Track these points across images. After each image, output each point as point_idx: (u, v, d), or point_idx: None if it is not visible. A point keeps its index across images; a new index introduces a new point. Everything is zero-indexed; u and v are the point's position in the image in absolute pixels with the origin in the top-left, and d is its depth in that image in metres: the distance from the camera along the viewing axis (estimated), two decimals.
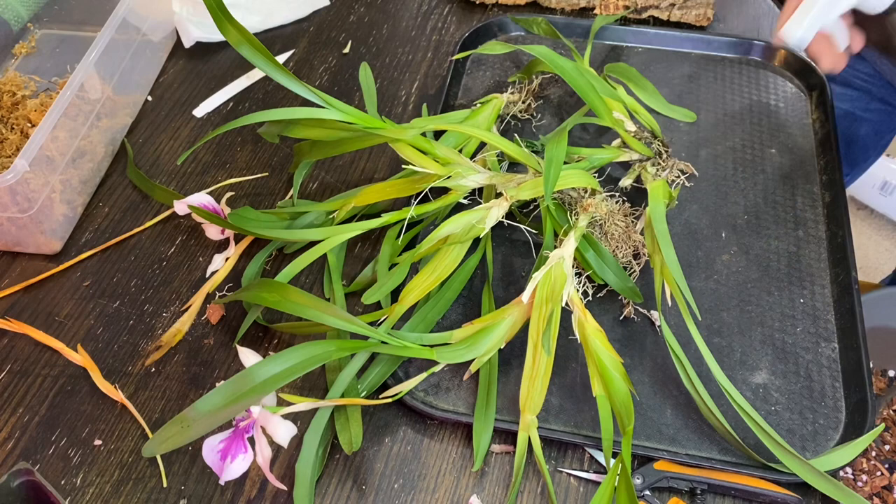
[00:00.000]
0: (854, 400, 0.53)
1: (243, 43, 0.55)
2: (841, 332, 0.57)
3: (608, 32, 0.79)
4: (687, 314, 0.52)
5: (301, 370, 0.45)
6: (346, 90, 0.78)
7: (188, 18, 0.82)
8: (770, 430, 0.49)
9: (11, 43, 0.83)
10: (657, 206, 0.57)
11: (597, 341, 0.52)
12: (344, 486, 0.52)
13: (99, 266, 0.65)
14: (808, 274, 0.60)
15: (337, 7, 0.88)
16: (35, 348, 0.60)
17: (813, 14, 0.57)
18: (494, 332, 0.54)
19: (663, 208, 0.57)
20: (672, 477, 0.50)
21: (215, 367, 0.58)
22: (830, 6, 0.57)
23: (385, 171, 0.70)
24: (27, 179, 0.59)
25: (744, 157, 0.68)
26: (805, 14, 0.58)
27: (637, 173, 0.65)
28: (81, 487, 0.52)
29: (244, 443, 0.46)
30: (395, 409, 0.55)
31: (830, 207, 0.64)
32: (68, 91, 0.63)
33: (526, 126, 0.72)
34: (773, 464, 0.50)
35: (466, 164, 0.60)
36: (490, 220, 0.58)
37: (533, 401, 0.51)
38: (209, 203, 0.61)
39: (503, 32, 0.81)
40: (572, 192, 0.61)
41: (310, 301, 0.49)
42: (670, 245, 0.54)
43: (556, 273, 0.54)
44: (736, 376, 0.55)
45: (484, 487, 0.52)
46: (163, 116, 0.77)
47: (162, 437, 0.43)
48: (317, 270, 0.63)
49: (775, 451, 0.49)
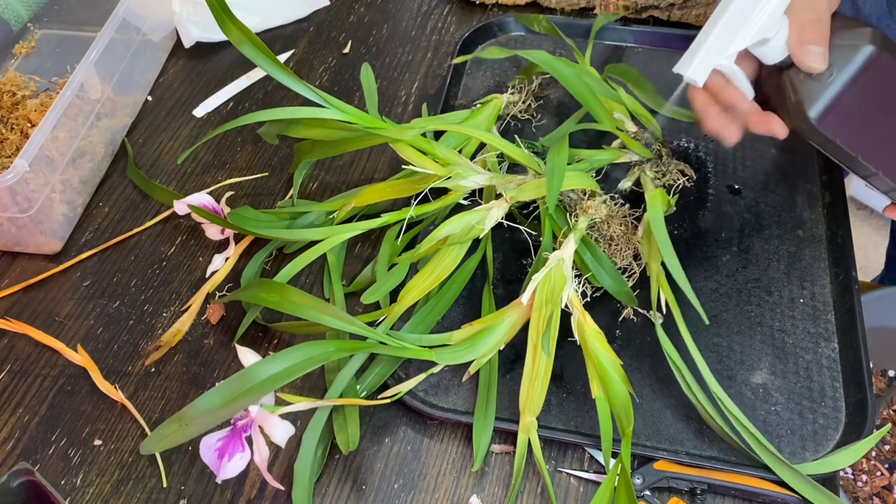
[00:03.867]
0: (854, 400, 0.53)
1: (245, 42, 0.55)
2: (841, 332, 0.57)
3: (608, 32, 0.79)
4: (682, 321, 0.52)
5: (300, 370, 0.45)
6: (346, 90, 0.78)
7: (188, 18, 0.82)
8: (761, 439, 0.49)
9: (11, 43, 0.83)
10: (656, 216, 0.56)
11: (596, 343, 0.52)
12: (344, 486, 0.52)
13: (99, 266, 0.65)
14: (808, 274, 0.60)
15: (337, 7, 0.88)
16: (35, 348, 0.60)
17: (705, 48, 0.50)
18: (494, 333, 0.54)
19: (662, 217, 0.56)
20: (672, 477, 0.50)
21: (215, 366, 0.58)
22: (724, 40, 0.50)
23: (385, 171, 0.70)
24: (27, 179, 0.60)
25: (743, 157, 0.68)
26: (697, 48, 0.51)
27: (637, 176, 0.65)
28: (81, 487, 0.52)
29: (242, 442, 0.46)
30: (395, 409, 0.55)
31: (830, 207, 0.64)
32: (68, 91, 0.63)
33: (526, 127, 0.72)
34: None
35: (466, 165, 0.60)
36: (490, 220, 0.58)
37: (533, 402, 0.51)
38: (209, 203, 0.61)
39: (503, 32, 0.81)
40: (572, 194, 0.61)
41: (309, 301, 0.49)
42: (673, 254, 0.53)
43: (556, 275, 0.54)
44: (736, 376, 0.55)
45: (484, 487, 0.52)
46: (163, 116, 0.77)
47: (160, 435, 0.43)
48: (317, 270, 0.63)
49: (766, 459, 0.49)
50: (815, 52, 0.48)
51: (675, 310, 0.53)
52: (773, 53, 0.51)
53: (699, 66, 0.51)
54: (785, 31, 0.49)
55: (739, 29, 0.49)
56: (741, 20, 0.49)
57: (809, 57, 0.49)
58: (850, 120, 0.50)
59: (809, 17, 0.49)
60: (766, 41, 0.50)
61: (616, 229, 0.60)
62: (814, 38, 0.49)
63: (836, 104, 0.49)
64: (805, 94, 0.50)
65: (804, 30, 0.49)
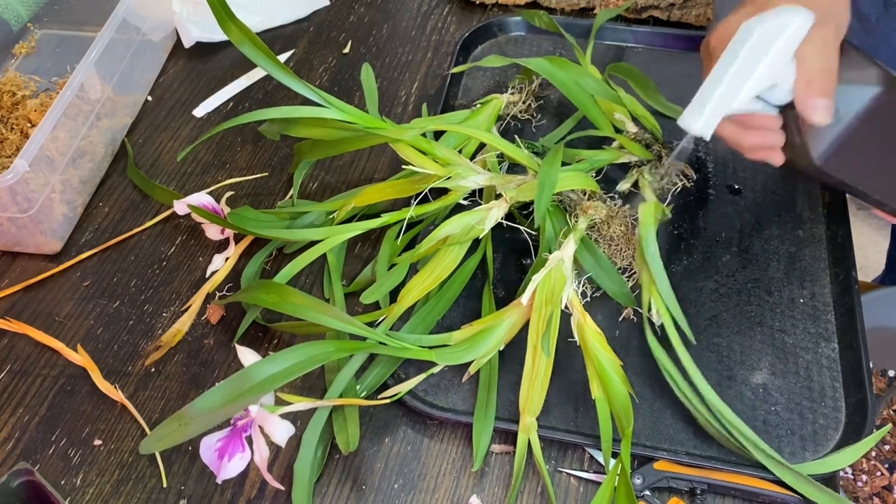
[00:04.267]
0: (854, 400, 0.53)
1: (245, 41, 0.55)
2: (841, 332, 0.57)
3: (608, 32, 0.79)
4: (675, 335, 0.52)
5: (300, 370, 0.45)
6: (346, 90, 0.78)
7: (188, 18, 0.82)
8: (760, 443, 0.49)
9: (11, 43, 0.83)
10: (647, 230, 0.56)
11: (596, 344, 0.52)
12: (344, 486, 0.52)
13: (99, 266, 0.65)
14: (808, 274, 0.60)
15: (337, 7, 0.88)
16: (35, 348, 0.60)
17: (714, 101, 0.48)
18: (494, 333, 0.54)
19: (653, 233, 0.56)
20: (672, 477, 0.50)
21: (215, 367, 0.58)
22: (732, 92, 0.47)
23: (385, 171, 0.70)
24: (27, 179, 0.60)
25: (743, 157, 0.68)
26: (705, 101, 0.48)
27: (635, 178, 0.65)
28: (81, 487, 0.52)
29: (242, 442, 0.46)
30: (395, 409, 0.55)
31: (830, 207, 0.64)
32: (68, 91, 0.63)
33: (526, 127, 0.72)
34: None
35: (466, 165, 0.60)
36: (489, 221, 0.58)
37: (532, 402, 0.51)
38: (209, 203, 0.61)
39: (503, 32, 0.81)
40: (572, 195, 0.61)
41: (308, 302, 0.49)
42: (663, 272, 0.53)
43: (556, 275, 0.54)
44: (736, 376, 0.55)
45: (484, 487, 0.52)
46: (163, 116, 0.77)
47: (160, 435, 0.43)
48: (317, 270, 0.63)
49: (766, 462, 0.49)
50: (820, 107, 0.47)
51: (667, 322, 0.53)
52: (780, 97, 0.49)
53: (708, 121, 0.49)
54: (792, 76, 0.48)
55: (746, 80, 0.47)
56: (749, 71, 0.47)
57: (815, 112, 0.47)
58: (855, 158, 0.50)
59: (818, 66, 0.47)
60: (774, 86, 0.48)
61: (616, 230, 0.60)
62: (820, 91, 0.47)
63: (842, 146, 0.49)
64: (810, 137, 0.49)
65: (811, 81, 0.47)
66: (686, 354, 0.52)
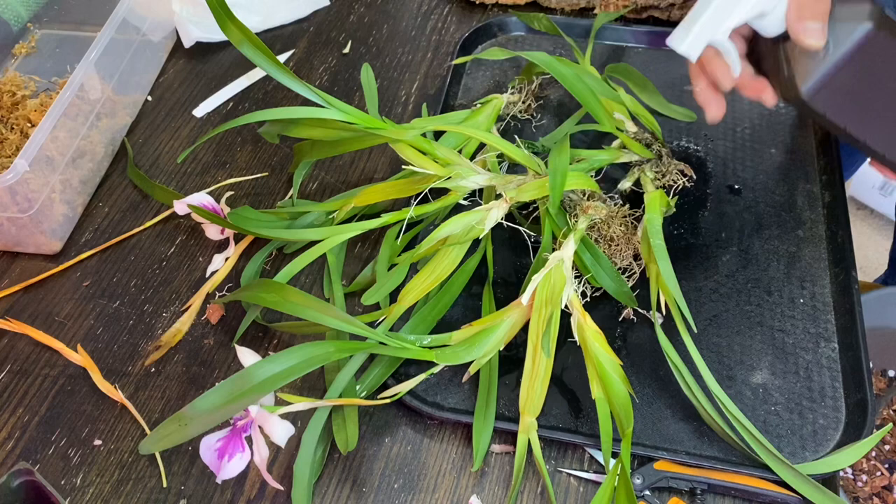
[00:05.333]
0: (854, 400, 0.53)
1: (245, 42, 0.55)
2: (841, 332, 0.57)
3: (608, 32, 0.79)
4: (681, 323, 0.52)
5: (300, 371, 0.45)
6: (346, 90, 0.78)
7: (188, 18, 0.82)
8: (761, 438, 0.49)
9: (11, 43, 0.83)
10: (654, 219, 0.56)
11: (596, 344, 0.52)
12: (343, 486, 0.52)
13: (99, 266, 0.65)
14: (808, 274, 0.60)
15: (337, 7, 0.88)
16: (35, 348, 0.60)
17: (702, 22, 0.49)
18: (494, 333, 0.54)
19: (660, 221, 0.56)
20: (672, 477, 0.50)
21: (215, 367, 0.58)
22: (721, 15, 0.48)
23: (385, 171, 0.70)
24: (27, 179, 0.60)
25: (743, 157, 0.68)
26: (693, 21, 0.49)
27: (637, 176, 0.65)
28: (81, 487, 0.52)
29: (241, 442, 0.46)
30: (394, 409, 0.55)
31: (830, 207, 0.64)
32: (68, 91, 0.63)
33: (526, 127, 0.72)
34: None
35: (466, 165, 0.60)
36: (489, 221, 0.58)
37: (532, 403, 0.51)
38: (209, 203, 0.61)
39: (503, 32, 0.81)
40: (572, 195, 0.61)
41: (308, 301, 0.49)
42: (667, 260, 0.53)
43: (556, 275, 0.54)
44: (736, 376, 0.55)
45: (484, 487, 0.52)
46: (163, 116, 0.77)
47: (159, 435, 0.43)
48: (316, 270, 0.63)
49: (766, 459, 0.49)
50: (812, 30, 0.47)
51: (674, 311, 0.53)
52: (772, 27, 0.49)
53: (694, 41, 0.49)
54: (784, 4, 0.48)
55: (737, 3, 0.48)
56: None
57: (807, 34, 0.47)
58: (842, 96, 0.50)
59: None
60: (764, 14, 0.48)
61: (616, 230, 0.60)
62: (812, 14, 0.47)
63: (830, 81, 0.48)
64: (799, 70, 0.49)
65: (803, 5, 0.47)
66: (691, 343, 0.52)
